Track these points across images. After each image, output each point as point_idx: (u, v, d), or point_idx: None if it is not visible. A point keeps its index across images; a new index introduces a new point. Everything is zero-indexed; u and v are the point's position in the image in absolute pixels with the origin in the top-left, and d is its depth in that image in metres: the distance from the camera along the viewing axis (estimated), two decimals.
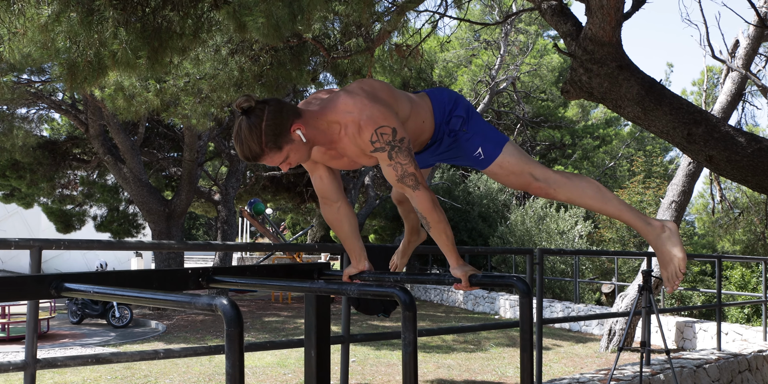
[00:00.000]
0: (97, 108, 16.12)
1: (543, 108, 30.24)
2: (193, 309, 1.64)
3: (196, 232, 64.20)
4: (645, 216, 2.96)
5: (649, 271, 6.54)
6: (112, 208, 22.22)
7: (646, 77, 4.98)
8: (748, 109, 18.99)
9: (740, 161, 4.86)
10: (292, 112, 2.54)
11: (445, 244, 2.75)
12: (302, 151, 2.60)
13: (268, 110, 2.49)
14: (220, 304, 1.54)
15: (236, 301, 18.62)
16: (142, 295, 1.87)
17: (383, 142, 2.59)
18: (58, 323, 15.26)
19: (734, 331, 11.27)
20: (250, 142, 2.48)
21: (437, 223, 2.71)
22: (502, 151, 2.91)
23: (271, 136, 2.48)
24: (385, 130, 2.58)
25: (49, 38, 4.94)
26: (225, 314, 1.53)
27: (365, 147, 2.62)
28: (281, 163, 2.58)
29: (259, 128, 2.47)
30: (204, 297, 1.61)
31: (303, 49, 8.34)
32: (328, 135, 2.65)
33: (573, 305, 15.39)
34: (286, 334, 13.39)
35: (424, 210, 2.69)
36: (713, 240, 24.04)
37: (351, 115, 2.59)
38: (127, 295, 1.93)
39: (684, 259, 2.85)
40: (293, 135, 2.53)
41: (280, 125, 2.49)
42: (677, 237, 2.90)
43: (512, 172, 2.93)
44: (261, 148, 2.49)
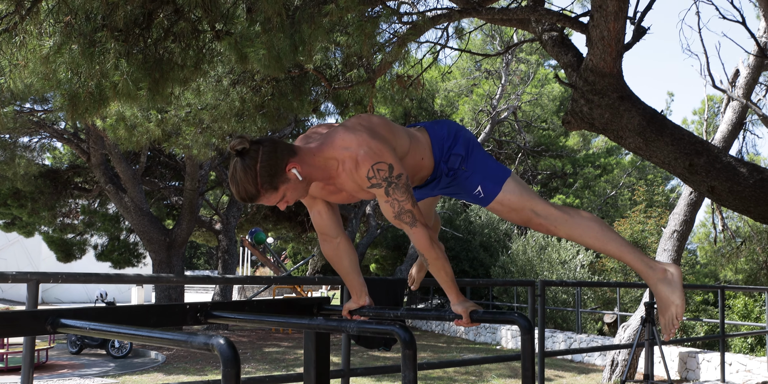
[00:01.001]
0: (99, 137, 16.16)
1: (544, 137, 30.30)
2: (190, 348, 1.61)
3: (197, 261, 64.06)
4: (647, 258, 2.92)
5: (651, 303, 6.50)
6: (112, 238, 22.19)
7: (647, 108, 4.97)
8: (749, 138, 19.10)
9: (742, 192, 4.84)
10: (286, 152, 2.53)
11: (444, 280, 2.72)
12: (299, 189, 2.58)
13: (262, 151, 2.48)
14: (216, 344, 1.51)
15: (236, 331, 18.48)
16: (139, 333, 1.85)
17: (380, 179, 2.57)
18: (57, 353, 15.15)
19: (738, 362, 11.16)
20: (246, 184, 2.47)
21: (435, 259, 2.68)
22: (502, 189, 2.89)
23: (266, 177, 2.47)
24: (381, 167, 2.57)
25: (50, 69, 4.95)
26: (222, 354, 1.50)
27: (362, 183, 2.60)
28: (278, 202, 2.57)
29: (254, 170, 2.46)
30: (201, 336, 1.58)
31: (304, 79, 8.36)
32: (325, 171, 2.64)
33: (575, 335, 15.29)
34: (286, 365, 13.29)
35: (422, 247, 2.66)
36: (715, 269, 23.94)
37: (348, 151, 2.58)
38: (124, 332, 1.91)
39: (682, 306, 2.82)
40: (289, 174, 2.52)
41: (275, 165, 2.48)
42: (679, 282, 2.86)
43: (513, 208, 2.90)
44: (257, 189, 2.48)
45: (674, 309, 2.83)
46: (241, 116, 8.40)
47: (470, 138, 3.01)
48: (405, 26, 6.43)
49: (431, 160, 2.91)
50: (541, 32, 5.66)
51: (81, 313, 2.31)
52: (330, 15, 5.06)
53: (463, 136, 2.98)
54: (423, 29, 5.87)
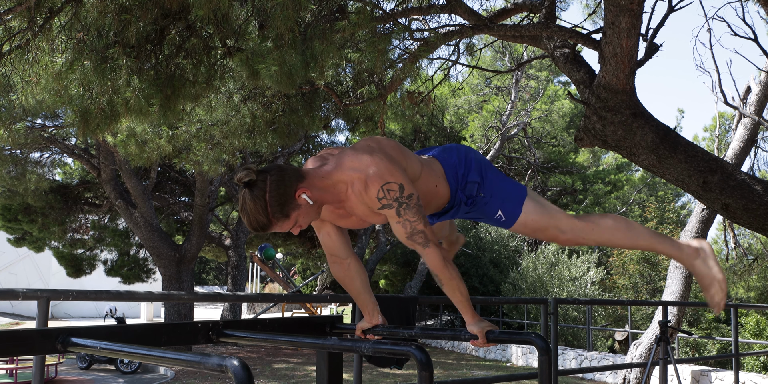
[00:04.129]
0: (110, 153, 16.20)
1: (554, 153, 30.25)
2: (203, 369, 1.59)
3: (206, 276, 64.03)
4: (677, 242, 2.93)
5: (665, 321, 6.44)
6: (122, 253, 22.19)
7: (660, 125, 4.95)
8: (761, 155, 19.03)
9: (757, 209, 4.80)
10: (294, 178, 2.50)
11: (459, 300, 2.68)
12: (311, 213, 2.55)
13: (270, 180, 2.45)
14: (231, 366, 1.49)
15: (246, 347, 18.41)
16: (150, 353, 1.82)
17: (390, 199, 2.54)
18: (66, 369, 15.13)
19: (751, 381, 11.06)
20: (257, 215, 2.44)
21: (449, 279, 2.64)
22: (523, 210, 2.86)
23: (276, 207, 2.44)
24: (391, 186, 2.53)
25: (62, 86, 4.96)
26: (236, 376, 1.47)
27: (372, 204, 2.57)
28: (291, 228, 2.54)
29: (264, 200, 2.43)
30: (214, 357, 1.56)
31: (315, 95, 8.37)
32: (335, 194, 2.61)
33: (586, 353, 15.19)
34: (296, 382, 13.22)
35: (435, 267, 2.62)
36: (727, 287, 23.79)
37: (357, 173, 2.55)
38: (135, 352, 1.88)
39: (724, 279, 2.88)
40: (299, 200, 2.49)
41: (284, 194, 2.45)
42: (713, 258, 2.91)
43: (537, 229, 2.88)
44: (268, 219, 2.45)
45: (717, 284, 2.88)
46: (252, 132, 8.39)
47: (481, 160, 2.98)
48: (416, 43, 6.43)
49: (446, 189, 2.88)
50: (552, 49, 5.64)
51: (92, 331, 2.29)
52: (342, 31, 5.06)
53: (474, 159, 2.95)
54: (435, 46, 5.87)
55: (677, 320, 11.15)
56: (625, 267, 23.26)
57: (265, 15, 5.13)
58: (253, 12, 5.36)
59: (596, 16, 8.97)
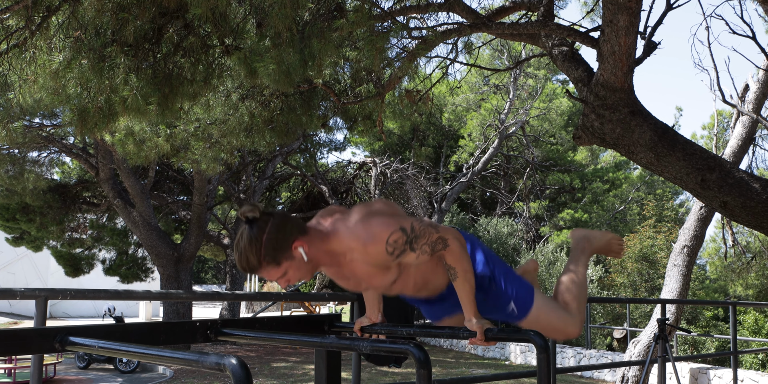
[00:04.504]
0: (108, 152, 16.19)
1: (552, 152, 30.27)
2: (201, 368, 1.59)
3: (204, 275, 64.00)
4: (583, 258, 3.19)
5: (663, 319, 6.44)
6: (121, 252, 22.18)
7: (658, 123, 4.95)
8: (759, 153, 18.92)
9: (755, 207, 4.80)
10: (296, 229, 2.47)
11: (468, 293, 2.66)
12: (303, 270, 2.50)
13: (271, 223, 2.43)
14: (229, 365, 1.48)
15: (244, 346, 18.40)
16: (148, 351, 1.82)
17: (400, 246, 2.51)
18: (64, 368, 15.12)
19: (750, 378, 11.06)
20: (249, 254, 2.41)
21: (466, 272, 2.62)
22: (534, 304, 2.88)
23: (270, 251, 2.41)
24: (395, 237, 2.50)
25: (60, 84, 4.95)
26: (234, 375, 1.47)
27: (386, 261, 2.53)
28: (278, 278, 2.50)
29: (260, 241, 2.40)
30: (212, 355, 1.56)
31: (313, 94, 8.36)
32: (333, 258, 2.57)
33: (584, 351, 15.19)
34: (294, 380, 13.22)
35: (455, 261, 2.60)
36: (725, 284, 23.81)
37: (355, 243, 2.51)
38: (133, 351, 1.88)
39: (613, 235, 3.23)
40: (294, 252, 2.45)
41: (281, 240, 2.42)
42: (590, 232, 3.25)
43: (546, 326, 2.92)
44: (258, 261, 2.42)
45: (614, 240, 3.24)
46: (250, 131, 8.39)
47: (489, 254, 2.97)
48: (415, 41, 6.42)
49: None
50: (551, 47, 5.64)
51: (89, 330, 2.29)
52: (340, 30, 5.06)
53: (481, 254, 2.94)
54: (433, 44, 5.86)
55: (676, 318, 11.16)
56: (623, 265, 23.28)
57: (262, 13, 5.13)
58: (251, 10, 5.35)
59: (594, 15, 8.97)
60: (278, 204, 27.01)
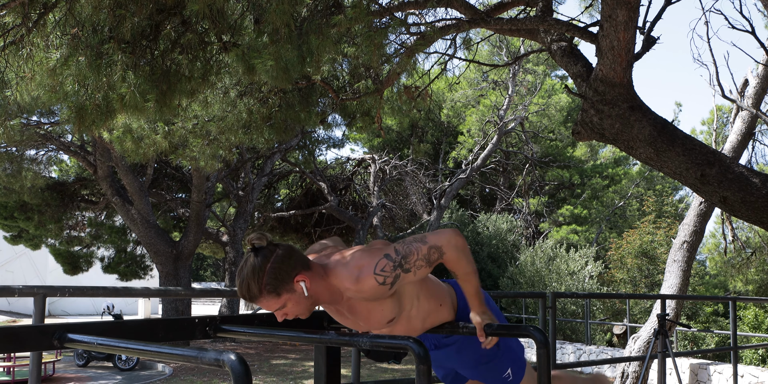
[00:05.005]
0: (106, 149, 16.17)
1: (551, 148, 30.26)
2: (200, 364, 1.58)
3: (203, 272, 64.01)
4: None
5: (663, 314, 6.43)
6: (119, 250, 22.19)
7: (658, 118, 4.93)
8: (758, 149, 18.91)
9: (755, 202, 4.79)
10: (300, 263, 2.47)
11: (475, 286, 2.68)
12: (302, 305, 2.50)
13: (276, 254, 2.43)
14: (228, 360, 1.47)
15: (243, 343, 18.40)
16: (147, 348, 1.81)
17: (391, 274, 2.50)
18: (63, 366, 15.12)
19: (750, 374, 11.06)
20: (251, 281, 2.41)
21: (466, 274, 2.64)
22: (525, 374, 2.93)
23: (272, 281, 2.41)
24: (381, 265, 2.50)
25: (57, 82, 4.93)
26: (233, 370, 1.46)
27: (382, 292, 2.52)
28: (277, 310, 2.49)
29: (263, 269, 2.41)
30: (211, 352, 1.55)
31: (312, 90, 8.34)
32: (333, 296, 2.57)
33: (584, 347, 15.20)
34: (294, 377, 13.22)
35: (454, 268, 2.62)
36: (725, 280, 23.83)
37: (349, 283, 2.51)
38: (132, 348, 1.87)
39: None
40: (296, 285, 2.45)
41: (284, 272, 2.42)
42: None
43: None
44: (259, 289, 2.41)
45: None
46: (249, 128, 8.37)
47: (497, 311, 2.98)
48: (413, 37, 6.41)
49: (451, 313, 2.86)
50: (549, 42, 5.62)
51: (88, 327, 2.27)
52: (338, 26, 5.04)
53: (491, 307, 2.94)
54: (431, 40, 5.85)
55: (675, 314, 11.15)
56: (623, 261, 23.27)
57: (260, 10, 5.12)
58: (248, 7, 5.34)
59: (593, 10, 8.95)
60: (277, 201, 27.01)
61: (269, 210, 24.40)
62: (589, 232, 28.99)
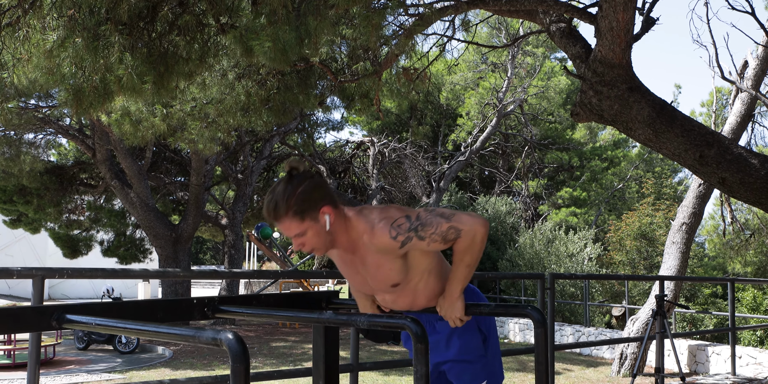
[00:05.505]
0: (105, 133, 16.14)
1: (551, 130, 30.22)
2: (197, 343, 1.58)
3: (203, 256, 64.10)
4: None
5: (662, 295, 6.45)
6: (119, 233, 22.20)
7: (656, 99, 4.92)
8: (758, 130, 18.85)
9: (754, 183, 4.79)
10: (330, 197, 2.54)
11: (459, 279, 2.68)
12: (321, 238, 2.55)
13: (310, 181, 2.49)
14: (225, 339, 1.48)
15: (243, 326, 18.45)
16: (145, 328, 1.81)
17: (405, 232, 2.54)
18: (64, 349, 15.16)
19: (748, 355, 11.11)
20: (279, 200, 2.47)
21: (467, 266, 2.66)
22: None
23: (299, 204, 2.46)
24: (399, 222, 2.55)
25: (54, 64, 4.91)
26: (230, 349, 1.46)
27: (391, 247, 2.57)
28: (295, 236, 2.53)
29: (294, 192, 2.46)
30: (209, 331, 1.55)
31: (310, 73, 8.32)
32: (349, 243, 2.63)
33: (583, 328, 15.25)
34: (293, 359, 13.27)
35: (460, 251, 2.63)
36: (724, 262, 23.86)
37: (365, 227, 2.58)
38: (130, 327, 1.87)
39: None
40: (320, 215, 2.51)
41: (313, 199, 2.48)
42: None
43: None
44: (285, 210, 2.46)
45: None
46: (247, 110, 8.36)
47: (493, 322, 2.97)
48: (411, 18, 6.38)
49: None
50: (548, 24, 5.60)
51: (87, 308, 2.28)
52: (336, 7, 5.02)
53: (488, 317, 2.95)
54: (430, 21, 5.83)
55: (674, 295, 11.18)
56: (622, 243, 23.30)
57: None
58: None
59: None
60: None
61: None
62: (588, 214, 29.03)
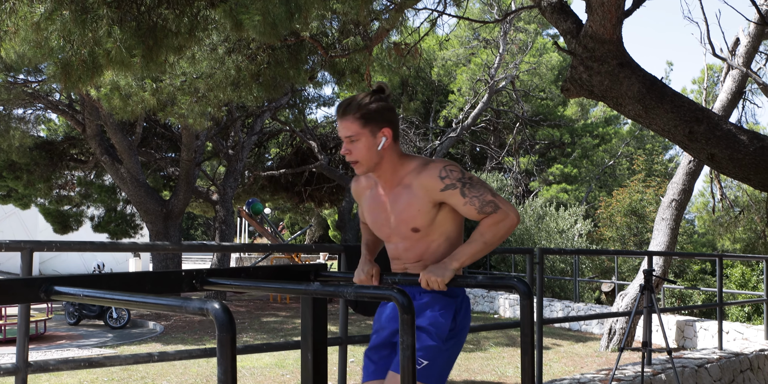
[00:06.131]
0: (94, 108, 16.06)
1: (542, 107, 30.19)
2: (184, 313, 1.58)
3: (194, 232, 64.14)
4: None
5: (650, 270, 6.48)
6: (109, 209, 22.16)
7: (647, 75, 4.92)
8: (748, 108, 18.80)
9: (742, 159, 4.80)
10: (395, 126, 2.77)
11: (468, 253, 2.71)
12: (368, 153, 2.72)
13: (386, 102, 2.75)
14: (211, 309, 1.48)
15: (234, 301, 18.50)
16: (133, 298, 1.82)
17: (453, 179, 2.67)
18: (55, 324, 15.19)
19: (735, 330, 11.21)
20: (354, 101, 2.71)
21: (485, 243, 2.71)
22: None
23: (370, 113, 2.69)
24: (453, 168, 2.70)
25: (42, 37, 4.88)
26: (217, 319, 1.47)
27: (434, 185, 2.68)
28: (348, 138, 2.72)
29: (371, 102, 2.71)
30: (195, 301, 1.55)
31: (301, 47, 8.28)
32: (393, 175, 2.78)
33: (573, 304, 15.34)
34: (284, 334, 13.33)
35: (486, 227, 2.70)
36: (713, 238, 24.01)
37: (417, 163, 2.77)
38: (118, 298, 1.88)
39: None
40: (379, 133, 2.71)
41: (383, 116, 2.72)
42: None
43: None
44: (356, 110, 2.68)
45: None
46: (237, 85, 8.32)
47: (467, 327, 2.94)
48: None
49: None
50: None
51: (75, 280, 2.28)
52: None
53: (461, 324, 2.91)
54: None
55: (663, 271, 11.25)
56: (612, 219, 23.40)
57: None
58: None
59: None
60: (267, 160, 26.95)
61: (259, 169, 24.36)
62: (578, 190, 29.09)
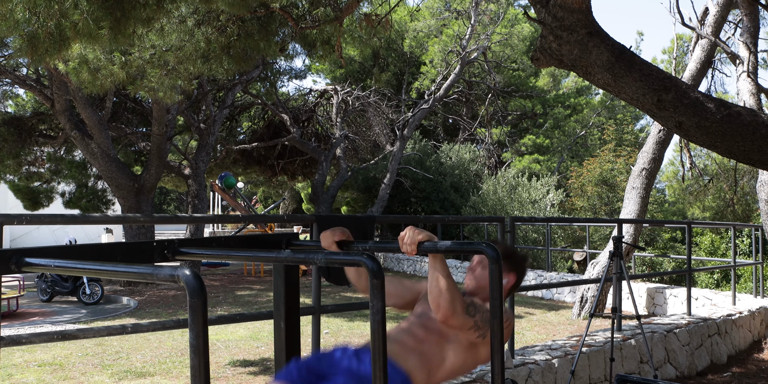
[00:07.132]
0: (63, 83, 15.87)
1: (514, 78, 30.23)
2: (155, 280, 1.60)
3: (167, 207, 63.83)
4: None
5: (619, 237, 6.56)
6: (80, 185, 22.00)
7: (616, 44, 4.95)
8: (717, 77, 18.73)
9: (710, 127, 4.86)
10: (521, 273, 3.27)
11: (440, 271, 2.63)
12: (475, 280, 3.08)
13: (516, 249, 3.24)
14: (182, 275, 1.50)
15: (208, 275, 18.46)
16: (104, 267, 1.82)
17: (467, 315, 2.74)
18: (27, 301, 15.12)
19: (704, 296, 11.39)
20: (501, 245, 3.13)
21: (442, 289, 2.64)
22: None
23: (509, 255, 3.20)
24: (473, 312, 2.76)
25: (7, 9, 4.82)
26: (187, 285, 1.48)
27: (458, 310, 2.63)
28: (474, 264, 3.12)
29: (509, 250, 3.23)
30: (166, 268, 1.57)
31: (271, 19, 8.22)
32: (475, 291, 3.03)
33: (545, 273, 15.49)
34: (258, 307, 13.37)
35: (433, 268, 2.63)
36: (683, 207, 24.29)
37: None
38: (89, 268, 1.88)
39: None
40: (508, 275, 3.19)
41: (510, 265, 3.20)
42: None
43: None
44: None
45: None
46: (207, 58, 8.26)
47: None
48: None
49: None
50: None
51: (46, 251, 2.28)
52: None
53: None
54: None
55: (634, 239, 11.38)
56: (583, 189, 23.57)
57: None
58: None
59: None
60: (239, 133, 26.81)
61: (231, 142, 24.23)
62: (551, 161, 29.26)
